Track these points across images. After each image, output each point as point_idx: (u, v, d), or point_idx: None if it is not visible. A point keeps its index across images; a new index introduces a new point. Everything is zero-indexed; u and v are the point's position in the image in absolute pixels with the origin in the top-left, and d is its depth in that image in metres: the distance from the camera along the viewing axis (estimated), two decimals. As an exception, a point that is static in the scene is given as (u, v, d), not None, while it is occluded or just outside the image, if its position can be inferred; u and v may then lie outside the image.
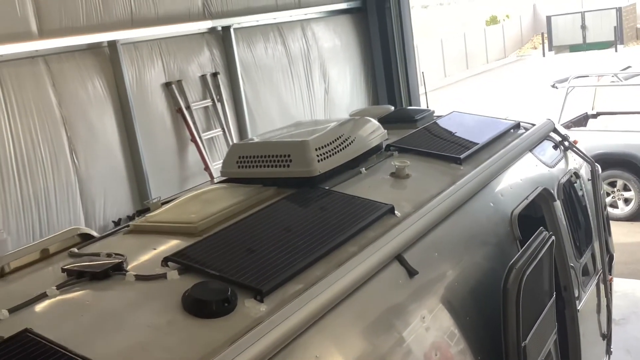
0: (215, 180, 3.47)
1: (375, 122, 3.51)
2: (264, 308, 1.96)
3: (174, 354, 1.73)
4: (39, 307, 2.08)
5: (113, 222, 5.57)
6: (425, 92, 6.91)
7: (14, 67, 4.89)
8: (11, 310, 2.03)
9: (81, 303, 2.08)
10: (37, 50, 4.99)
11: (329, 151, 3.03)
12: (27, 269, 2.56)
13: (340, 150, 3.10)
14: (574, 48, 32.51)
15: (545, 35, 33.93)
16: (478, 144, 3.57)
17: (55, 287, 2.15)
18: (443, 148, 3.50)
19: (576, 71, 11.02)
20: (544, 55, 33.32)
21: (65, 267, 2.30)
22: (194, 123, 6.23)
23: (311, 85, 7.90)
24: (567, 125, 9.75)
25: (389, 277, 2.33)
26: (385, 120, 3.78)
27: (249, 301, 1.98)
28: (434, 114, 4.28)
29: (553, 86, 10.06)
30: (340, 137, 3.14)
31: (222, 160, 6.35)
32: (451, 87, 26.62)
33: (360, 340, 2.11)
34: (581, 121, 10.13)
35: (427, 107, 4.96)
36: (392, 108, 3.80)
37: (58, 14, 5.13)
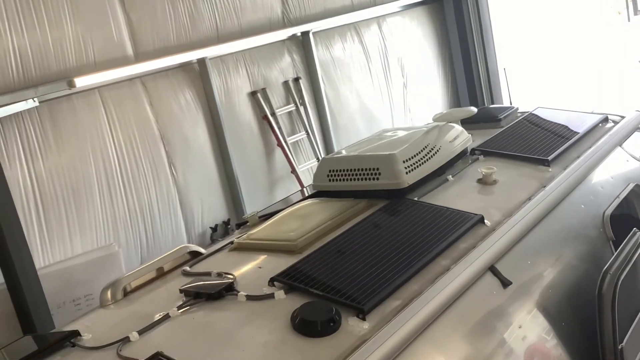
0: (307, 192, 3.63)
1: (459, 127, 3.56)
2: (366, 326, 2.10)
3: (289, 373, 1.91)
4: (164, 328, 2.30)
5: (210, 228, 5.91)
6: (508, 89, 6.81)
7: (115, 90, 5.27)
8: (140, 332, 2.27)
9: (201, 324, 2.29)
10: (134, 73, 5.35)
11: (416, 162, 3.13)
12: (146, 288, 2.82)
13: (427, 160, 3.18)
14: (663, 10, 30.65)
15: (631, -1, 32.16)
16: (566, 142, 3.55)
17: (176, 309, 2.38)
18: (529, 149, 3.51)
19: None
20: (628, 20, 31.62)
21: (183, 287, 2.53)
22: (280, 128, 6.46)
23: (390, 81, 7.97)
24: (660, 102, 9.31)
25: (483, 289, 2.42)
26: (468, 121, 3.82)
27: (352, 319, 2.13)
28: (518, 111, 4.28)
29: (640, 62, 9.63)
30: (426, 147, 3.23)
31: (307, 163, 6.64)
32: (529, 64, 25.59)
33: (459, 353, 2.22)
34: (675, 96, 9.65)
35: (510, 102, 4.93)
36: (475, 110, 3.82)
37: (151, 37, 5.47)
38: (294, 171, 6.55)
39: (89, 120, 5.12)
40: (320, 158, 6.80)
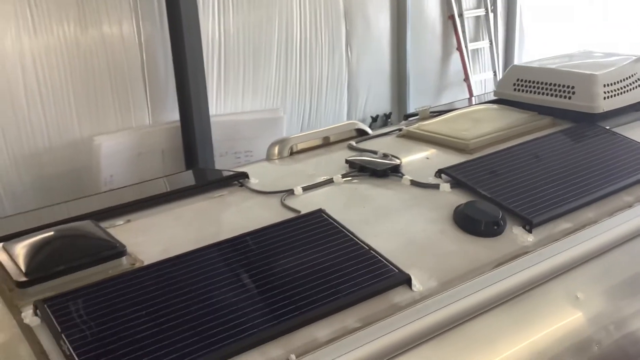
0: (487, 99, 3.48)
1: (675, 63, 3.20)
2: (531, 239, 2.02)
3: (445, 263, 1.89)
4: (327, 190, 2.37)
5: (371, 117, 5.91)
6: None
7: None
8: (304, 189, 2.35)
9: (363, 195, 2.32)
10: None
11: (618, 89, 2.88)
12: (311, 152, 2.90)
13: (631, 89, 2.93)
14: None
15: None
16: None
17: (340, 176, 2.43)
18: None
19: None
20: None
21: (349, 158, 2.57)
22: (463, 32, 6.18)
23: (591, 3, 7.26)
24: None
25: (664, 236, 2.23)
26: (684, 61, 3.41)
27: (517, 229, 2.05)
28: None
29: None
30: (632, 76, 2.96)
31: (482, 74, 6.34)
32: None
33: (621, 294, 2.08)
34: None
35: None
36: (697, 48, 3.40)
37: None
38: (467, 79, 6.30)
39: (282, -17, 5.17)
40: (497, 72, 6.47)
